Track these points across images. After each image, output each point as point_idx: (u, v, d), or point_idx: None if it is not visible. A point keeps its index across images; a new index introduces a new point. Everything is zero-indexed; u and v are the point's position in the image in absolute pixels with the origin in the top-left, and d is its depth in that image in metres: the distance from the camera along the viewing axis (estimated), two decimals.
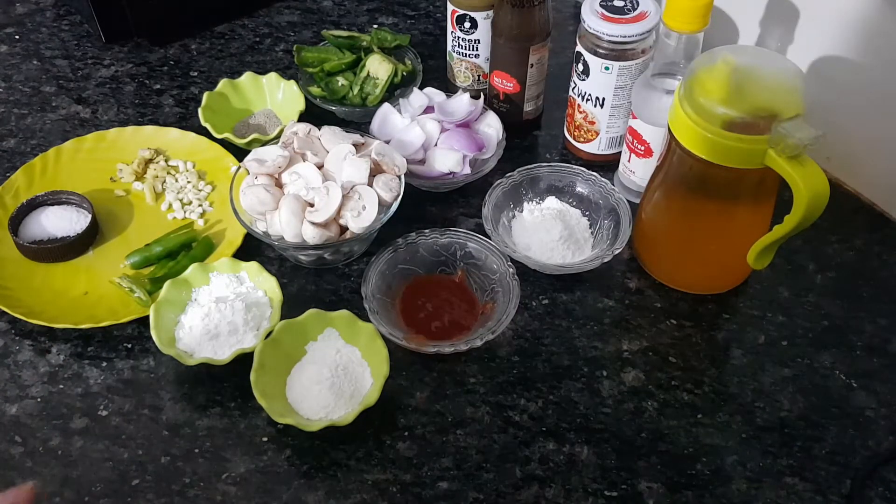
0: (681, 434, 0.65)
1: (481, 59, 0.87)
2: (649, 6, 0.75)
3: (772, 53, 0.68)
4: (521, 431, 0.65)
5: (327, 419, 0.63)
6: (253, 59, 0.98)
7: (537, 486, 0.62)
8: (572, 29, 0.99)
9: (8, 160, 0.86)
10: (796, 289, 0.74)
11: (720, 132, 0.61)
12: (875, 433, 0.65)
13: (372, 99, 0.86)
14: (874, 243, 0.78)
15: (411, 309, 0.71)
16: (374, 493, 0.61)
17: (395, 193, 0.73)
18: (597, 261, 0.73)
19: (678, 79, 0.71)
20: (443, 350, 0.66)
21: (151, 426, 0.65)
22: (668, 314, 0.72)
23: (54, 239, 0.76)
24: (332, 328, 0.68)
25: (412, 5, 1.05)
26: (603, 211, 0.77)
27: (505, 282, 0.71)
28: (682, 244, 0.73)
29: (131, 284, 0.72)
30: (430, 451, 0.64)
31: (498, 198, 0.77)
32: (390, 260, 0.72)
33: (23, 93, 0.94)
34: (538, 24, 0.80)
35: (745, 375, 0.68)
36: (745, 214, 0.68)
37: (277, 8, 1.05)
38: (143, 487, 0.62)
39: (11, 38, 1.01)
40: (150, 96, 0.93)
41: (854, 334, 0.71)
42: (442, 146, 0.80)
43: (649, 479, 0.62)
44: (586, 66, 0.77)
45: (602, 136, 0.82)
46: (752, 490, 0.61)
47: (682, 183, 0.68)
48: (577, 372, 0.68)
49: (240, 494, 0.61)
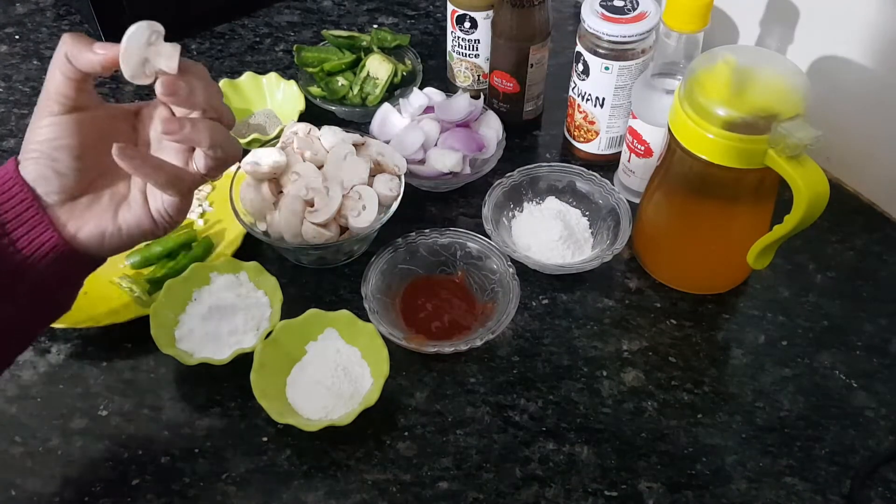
0: (681, 434, 0.65)
1: (481, 59, 0.87)
2: (649, 6, 0.75)
3: (772, 53, 0.68)
4: (521, 431, 0.65)
5: (327, 419, 0.63)
6: (253, 59, 0.98)
7: (537, 486, 0.62)
8: (572, 29, 0.99)
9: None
10: (796, 289, 0.74)
11: (720, 132, 0.61)
12: (875, 433, 0.65)
13: (372, 99, 0.86)
14: (874, 243, 0.78)
15: (411, 309, 0.71)
16: (374, 493, 0.61)
17: (395, 193, 0.73)
18: (597, 261, 0.73)
19: (678, 79, 0.71)
20: (443, 350, 0.66)
21: (151, 426, 0.65)
22: (668, 314, 0.72)
23: None
24: (332, 328, 0.68)
25: (412, 5, 1.05)
26: (603, 211, 0.77)
27: (505, 282, 0.71)
28: (682, 244, 0.73)
29: (131, 284, 0.72)
30: (430, 451, 0.64)
31: (498, 198, 0.77)
32: (390, 260, 0.72)
33: (23, 93, 0.94)
34: (538, 24, 0.80)
35: (745, 375, 0.68)
36: (745, 214, 0.68)
37: (277, 8, 1.05)
38: (143, 487, 0.62)
39: (11, 38, 1.01)
40: (149, 96, 0.93)
41: (854, 334, 0.71)
42: (442, 146, 0.80)
43: (649, 479, 0.62)
44: (586, 66, 0.77)
45: (602, 136, 0.82)
46: (752, 490, 0.61)
47: (682, 183, 0.68)
48: (577, 372, 0.68)
49: (240, 494, 0.61)
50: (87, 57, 0.46)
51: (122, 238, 0.50)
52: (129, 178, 0.51)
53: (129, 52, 0.46)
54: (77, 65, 0.46)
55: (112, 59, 0.46)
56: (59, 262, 0.49)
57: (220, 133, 0.49)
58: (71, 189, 0.49)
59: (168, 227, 0.51)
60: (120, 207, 0.50)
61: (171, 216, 0.51)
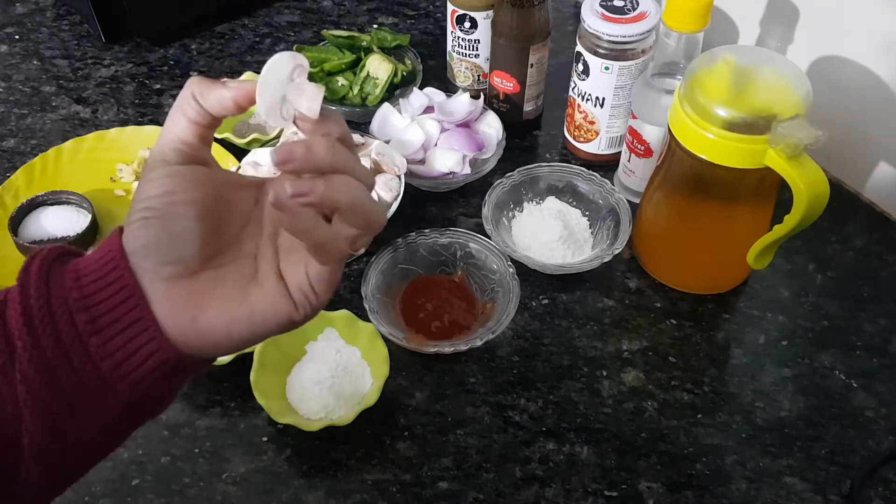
0: (681, 434, 0.65)
1: (481, 59, 0.87)
2: (649, 6, 0.75)
3: (772, 53, 0.68)
4: (521, 431, 0.65)
5: (327, 419, 0.63)
6: (253, 59, 0.98)
7: (537, 486, 0.62)
8: (572, 29, 0.99)
9: (8, 160, 0.86)
10: (796, 289, 0.74)
11: (720, 132, 0.61)
12: (875, 433, 0.65)
13: (372, 99, 0.86)
14: (874, 243, 0.78)
15: (411, 309, 0.71)
16: (374, 493, 0.61)
17: (395, 193, 0.73)
18: (597, 261, 0.73)
19: (678, 79, 0.71)
20: (443, 350, 0.66)
21: (151, 426, 0.65)
22: (668, 314, 0.72)
23: (54, 239, 0.76)
24: (332, 328, 0.68)
25: (412, 5, 1.05)
26: (603, 211, 0.77)
27: (505, 282, 0.71)
28: (682, 244, 0.73)
29: None
30: (430, 451, 0.64)
31: (498, 198, 0.77)
32: (390, 260, 0.72)
33: (23, 93, 0.94)
34: (538, 24, 0.80)
35: (745, 375, 0.68)
36: (745, 214, 0.68)
37: (277, 8, 1.05)
38: (143, 487, 0.62)
39: (11, 38, 1.01)
40: (150, 96, 0.93)
41: (854, 334, 0.71)
42: (442, 146, 0.80)
43: (649, 479, 0.62)
44: (586, 66, 0.77)
45: (602, 136, 0.82)
46: (751, 490, 0.61)
47: (682, 183, 0.68)
48: (577, 372, 0.68)
49: (240, 494, 0.61)
50: (218, 94, 0.39)
51: (255, 326, 0.39)
52: (254, 255, 0.41)
53: (269, 85, 0.39)
54: (206, 104, 0.39)
55: (247, 93, 0.39)
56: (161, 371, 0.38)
57: (357, 190, 0.39)
58: (190, 259, 0.38)
59: (310, 310, 0.41)
60: (249, 288, 0.40)
61: (318, 294, 0.40)
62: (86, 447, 0.39)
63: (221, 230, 0.40)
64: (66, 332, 0.36)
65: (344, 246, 0.40)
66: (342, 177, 0.38)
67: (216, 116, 0.40)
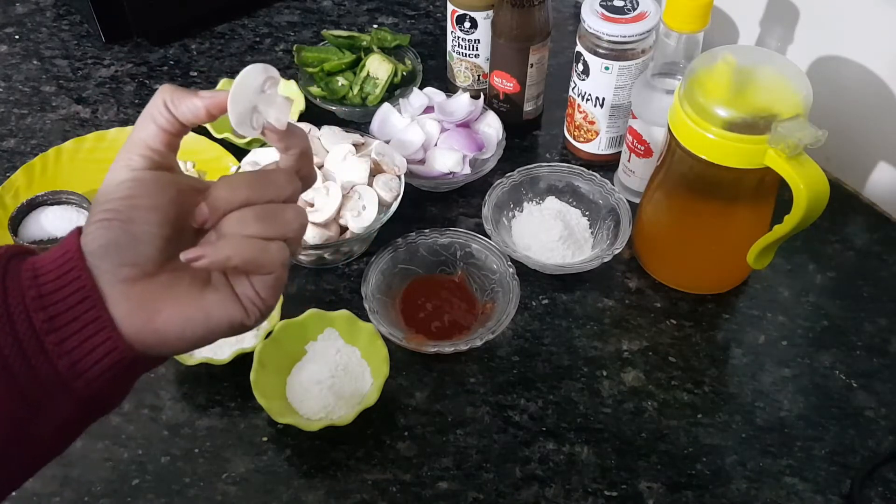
0: (681, 434, 0.65)
1: (481, 59, 0.87)
2: (649, 6, 0.75)
3: (772, 53, 0.68)
4: (521, 431, 0.65)
5: (327, 419, 0.63)
6: (253, 59, 0.98)
7: (537, 486, 0.62)
8: (572, 29, 0.99)
9: (8, 160, 0.86)
10: (796, 289, 0.74)
11: (720, 132, 0.61)
12: (875, 433, 0.65)
13: (372, 99, 0.86)
14: (874, 243, 0.78)
15: (411, 309, 0.71)
16: (374, 493, 0.61)
17: (395, 193, 0.73)
18: (597, 261, 0.73)
19: (678, 79, 0.71)
20: (443, 350, 0.66)
21: (151, 426, 0.65)
22: (668, 314, 0.72)
23: (54, 239, 0.76)
24: (332, 328, 0.68)
25: (412, 5, 1.05)
26: (603, 211, 0.77)
27: (505, 282, 0.71)
28: (682, 244, 0.73)
29: None
30: (430, 451, 0.64)
31: (498, 198, 0.77)
32: (390, 260, 0.72)
33: (23, 93, 0.94)
34: (538, 24, 0.80)
35: (745, 375, 0.68)
36: (745, 214, 0.68)
37: (277, 8, 1.05)
38: (143, 487, 0.62)
39: (11, 38, 1.01)
40: (150, 96, 0.92)
41: (854, 334, 0.71)
42: (442, 146, 0.80)
43: (649, 479, 0.62)
44: (586, 66, 0.77)
45: (602, 136, 0.82)
46: (752, 490, 0.61)
47: (682, 183, 0.68)
48: (577, 372, 0.68)
49: (240, 494, 0.61)
50: (191, 103, 0.40)
51: (209, 328, 0.40)
52: None
53: (241, 95, 0.40)
54: (178, 112, 0.40)
55: (218, 103, 0.40)
56: (117, 369, 0.38)
57: (250, 250, 0.40)
58: (147, 262, 0.39)
59: (260, 315, 0.41)
60: (205, 291, 0.41)
61: (265, 299, 0.41)
62: (40, 447, 0.39)
63: (180, 234, 0.41)
64: (23, 331, 0.36)
65: (277, 258, 0.41)
66: (238, 237, 0.40)
67: (186, 125, 0.41)
